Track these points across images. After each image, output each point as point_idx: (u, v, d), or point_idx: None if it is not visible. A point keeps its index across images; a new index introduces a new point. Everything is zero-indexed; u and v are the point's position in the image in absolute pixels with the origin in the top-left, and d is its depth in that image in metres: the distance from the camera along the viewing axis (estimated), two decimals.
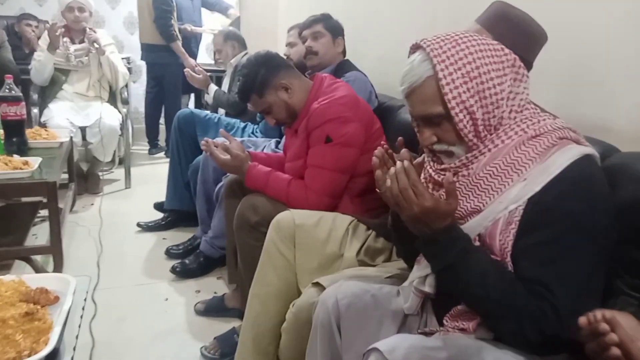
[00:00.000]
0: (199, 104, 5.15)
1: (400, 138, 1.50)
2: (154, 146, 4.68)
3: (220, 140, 2.44)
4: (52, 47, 3.36)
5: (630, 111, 1.36)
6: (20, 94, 2.39)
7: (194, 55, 4.61)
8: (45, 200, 2.26)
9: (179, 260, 2.41)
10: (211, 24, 5.18)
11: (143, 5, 4.25)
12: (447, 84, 0.98)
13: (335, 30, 2.35)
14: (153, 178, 3.90)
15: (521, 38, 1.32)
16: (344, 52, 2.40)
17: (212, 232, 2.31)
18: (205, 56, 5.72)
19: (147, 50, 4.38)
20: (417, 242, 1.03)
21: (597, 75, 1.43)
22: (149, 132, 4.68)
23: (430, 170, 1.10)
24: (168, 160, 4.40)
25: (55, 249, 2.20)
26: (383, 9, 2.60)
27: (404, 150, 1.15)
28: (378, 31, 2.65)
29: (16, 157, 2.26)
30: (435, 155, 1.09)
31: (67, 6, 3.42)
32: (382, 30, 2.61)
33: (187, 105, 5.25)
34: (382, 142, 1.50)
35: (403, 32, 2.43)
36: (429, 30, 2.24)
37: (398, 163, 0.99)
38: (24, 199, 2.74)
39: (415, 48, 1.06)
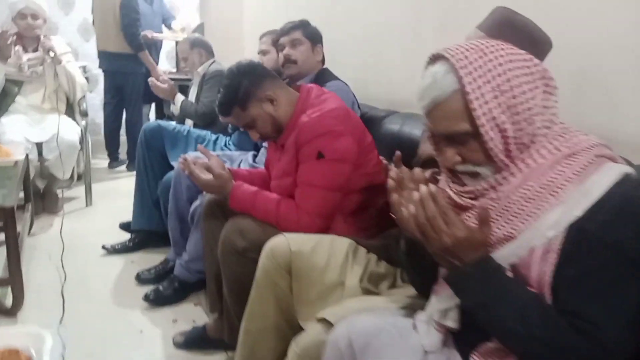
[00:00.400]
0: (160, 114, 4.95)
1: (398, 153, 1.40)
2: (114, 159, 4.44)
3: (192, 155, 2.33)
4: (3, 56, 3.11)
5: (637, 120, 1.30)
6: None
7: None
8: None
9: (151, 287, 2.24)
10: (171, 31, 5.00)
11: (107, 10, 4.02)
12: (476, 98, 0.88)
13: (315, 38, 2.24)
14: (115, 194, 3.69)
15: (525, 45, 1.24)
16: (322, 61, 2.29)
17: (187, 255, 2.14)
18: (165, 63, 5.51)
19: (108, 59, 4.16)
20: (447, 275, 0.93)
21: (604, 84, 1.37)
22: (108, 144, 4.44)
23: (451, 193, 1.00)
24: (130, 174, 4.27)
25: (14, 280, 2.01)
26: (361, 13, 2.51)
27: (417, 170, 1.04)
28: (356, 37, 2.56)
29: None
30: (456, 176, 0.99)
31: (19, 13, 3.18)
32: (361, 36, 2.52)
33: (148, 115, 5.03)
34: (382, 158, 1.40)
35: (383, 38, 2.35)
36: (413, 36, 2.19)
37: (423, 187, 0.88)
38: None
39: (435, 59, 0.95)
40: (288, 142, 1.59)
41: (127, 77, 4.15)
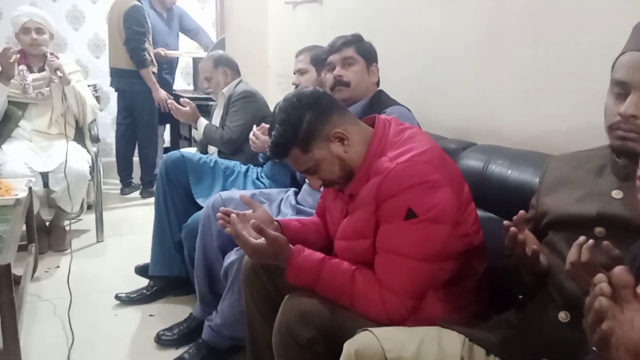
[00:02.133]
0: (176, 136, 4.62)
1: (522, 212, 1.04)
2: (127, 185, 4.10)
3: (225, 194, 1.97)
4: (6, 76, 2.79)
5: None
6: None
7: (167, 84, 4.09)
8: None
9: (174, 351, 1.88)
10: (187, 47, 4.70)
11: (114, 25, 3.73)
12: None
13: (370, 56, 1.89)
14: (129, 226, 3.35)
15: None
16: (378, 82, 1.94)
17: (220, 318, 1.78)
18: (181, 82, 5.20)
19: (118, 76, 3.85)
20: None
21: None
22: (120, 169, 4.11)
23: None
24: (144, 201, 3.93)
25: (11, 354, 1.63)
26: (417, 22, 2.15)
27: (621, 270, 0.67)
28: (411, 51, 2.20)
29: None
30: None
31: (23, 27, 2.87)
32: (418, 50, 2.16)
33: (163, 137, 4.70)
34: (507, 222, 1.03)
35: (449, 50, 1.98)
36: (492, 48, 1.83)
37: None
38: None
39: None
40: (362, 193, 1.23)
41: (137, 96, 3.83)
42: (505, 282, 1.20)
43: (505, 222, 1.00)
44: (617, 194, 1.00)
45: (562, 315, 1.01)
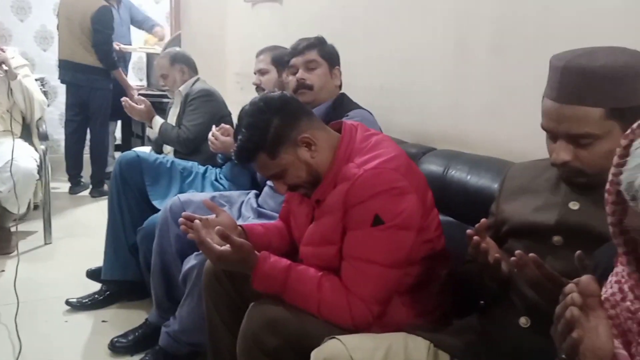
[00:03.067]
0: (128, 133, 4.49)
1: (483, 220, 1.07)
2: (76, 184, 3.96)
3: (183, 197, 1.94)
4: None
5: None
6: None
7: None
8: None
9: (129, 358, 1.81)
10: (139, 41, 4.59)
11: (74, 20, 3.62)
12: None
13: (332, 59, 1.89)
14: (79, 227, 3.25)
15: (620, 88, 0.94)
16: (340, 85, 1.94)
17: (178, 324, 1.73)
18: (133, 77, 5.04)
19: (73, 70, 3.73)
20: None
21: None
22: (70, 167, 3.96)
23: None
24: (94, 201, 3.81)
25: None
26: (384, 27, 2.16)
27: (587, 280, 0.69)
28: (375, 56, 2.20)
29: None
30: None
31: None
32: (382, 55, 2.17)
33: (114, 134, 4.56)
34: (470, 231, 1.05)
35: (415, 57, 2.00)
36: (458, 55, 1.86)
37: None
38: None
39: None
40: (329, 198, 1.22)
41: (94, 93, 3.73)
42: (468, 287, 1.22)
43: (468, 231, 1.02)
44: (573, 205, 1.03)
45: (523, 321, 1.04)
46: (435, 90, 1.90)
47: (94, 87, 3.72)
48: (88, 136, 4.01)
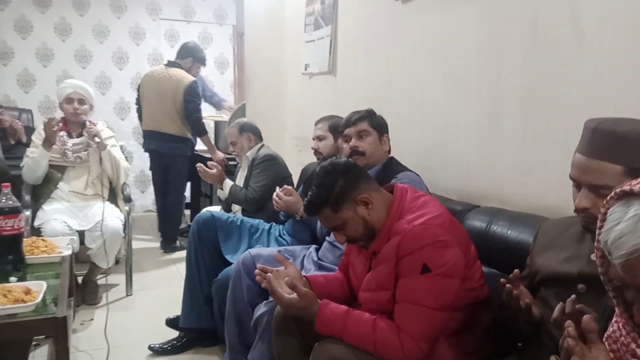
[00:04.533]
0: (197, 193, 4.88)
1: (516, 271, 1.25)
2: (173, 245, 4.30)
3: (253, 251, 2.18)
4: (48, 142, 3.06)
5: None
6: (19, 205, 2.06)
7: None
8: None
9: None
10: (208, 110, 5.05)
11: (166, 93, 4.05)
12: None
13: (381, 128, 2.14)
14: (154, 279, 3.54)
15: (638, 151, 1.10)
16: (389, 150, 2.18)
17: None
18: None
19: (160, 139, 4.12)
20: None
21: None
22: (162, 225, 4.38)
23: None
24: (165, 254, 4.14)
25: None
26: (422, 97, 2.40)
27: (588, 319, 0.87)
28: (418, 122, 2.44)
29: (12, 280, 1.91)
30: None
31: (67, 97, 3.16)
32: (424, 121, 2.40)
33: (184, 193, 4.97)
34: (503, 280, 1.23)
35: (452, 123, 2.22)
36: (490, 122, 2.06)
37: None
38: None
39: (624, 196, 0.80)
40: (383, 250, 1.44)
41: (175, 159, 4.14)
42: (506, 331, 1.38)
43: (502, 280, 1.20)
44: (594, 256, 1.20)
45: (553, 359, 1.19)
46: (473, 152, 2.10)
47: (175, 154, 4.09)
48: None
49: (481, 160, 2.07)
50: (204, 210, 2.80)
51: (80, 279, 3.17)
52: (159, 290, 3.23)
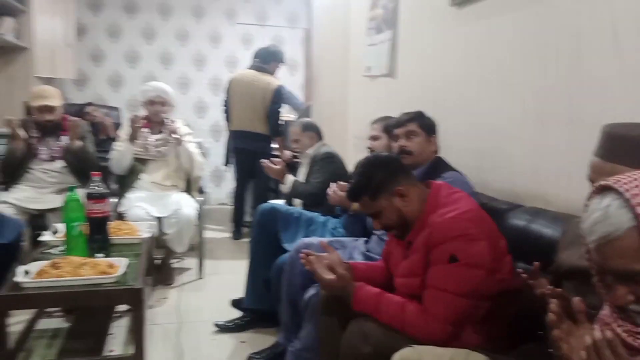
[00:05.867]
0: (264, 187, 5.15)
1: (536, 263, 1.35)
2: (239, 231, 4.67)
3: (306, 241, 2.37)
4: (133, 137, 3.43)
5: None
6: (106, 191, 2.37)
7: None
8: None
9: None
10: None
11: (256, 95, 4.35)
12: None
13: (430, 128, 2.26)
14: (223, 265, 3.84)
15: None
16: (437, 150, 2.29)
17: (300, 343, 2.14)
18: None
19: (250, 139, 4.42)
20: None
21: None
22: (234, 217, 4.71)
23: (619, 330, 0.93)
24: (235, 244, 4.45)
25: (138, 359, 2.09)
26: (475, 101, 2.49)
27: (576, 301, 0.98)
28: (471, 124, 2.53)
29: (99, 256, 2.22)
30: (626, 314, 0.92)
31: (150, 99, 3.51)
32: (476, 124, 2.49)
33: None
34: (520, 270, 1.34)
35: (501, 126, 2.30)
36: (537, 127, 2.13)
37: (597, 332, 0.82)
38: None
39: (603, 190, 0.91)
40: (417, 240, 1.58)
41: (261, 157, 4.36)
42: (528, 319, 1.48)
43: (518, 270, 1.30)
44: None
45: None
46: (519, 154, 2.17)
47: (262, 152, 4.26)
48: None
49: (527, 162, 2.14)
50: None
51: (158, 262, 3.51)
52: (227, 275, 3.51)
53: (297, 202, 3.17)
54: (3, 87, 4.60)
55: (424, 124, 2.24)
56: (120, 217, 3.16)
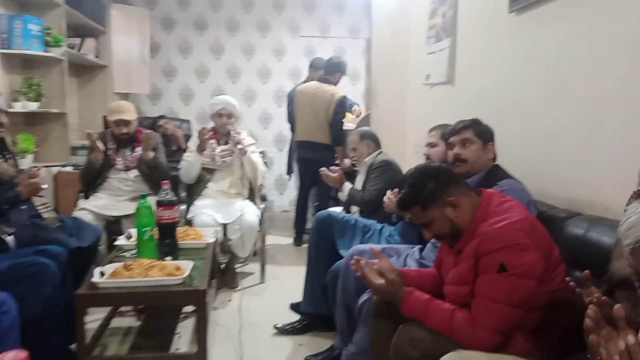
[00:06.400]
0: (325, 195, 5.24)
1: (586, 272, 1.33)
2: (301, 237, 4.79)
3: (361, 247, 2.42)
4: (201, 148, 3.62)
5: None
6: (175, 199, 2.53)
7: None
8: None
9: None
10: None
11: (321, 106, 4.44)
12: None
13: (486, 136, 2.23)
14: (283, 270, 3.96)
15: None
16: (494, 158, 2.27)
17: (354, 347, 2.19)
18: None
19: (314, 149, 4.52)
20: None
21: None
22: (299, 223, 4.83)
23: None
24: (296, 251, 4.56)
25: (201, 357, 2.21)
26: (532, 108, 2.45)
27: (618, 308, 0.98)
28: (527, 132, 2.49)
29: (167, 259, 2.37)
30: None
31: (217, 112, 3.70)
32: (533, 131, 2.45)
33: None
34: (568, 279, 1.33)
35: (558, 133, 2.26)
36: (594, 134, 2.08)
37: (631, 338, 0.83)
38: None
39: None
40: (467, 249, 1.59)
41: (325, 166, 4.48)
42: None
43: (567, 278, 1.29)
44: None
45: None
46: (577, 162, 2.12)
47: (326, 162, 4.21)
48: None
49: (584, 169, 2.08)
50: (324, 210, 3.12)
51: (223, 267, 3.67)
52: (288, 280, 3.60)
53: (354, 209, 3.22)
54: (85, 103, 5.00)
55: (480, 132, 2.22)
56: (189, 223, 3.34)
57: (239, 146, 3.61)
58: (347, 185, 3.19)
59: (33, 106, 3.78)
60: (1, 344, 1.77)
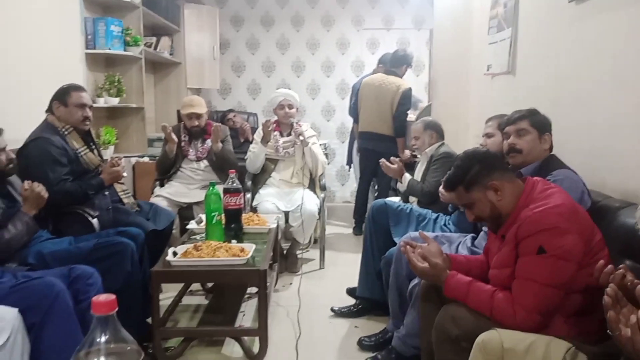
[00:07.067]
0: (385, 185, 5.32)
1: (601, 262, 1.35)
2: (361, 227, 4.84)
3: (413, 234, 2.50)
4: (265, 140, 3.81)
5: None
6: (240, 187, 2.72)
7: None
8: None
9: (371, 354, 2.44)
10: None
11: (386, 98, 4.50)
12: None
13: (543, 127, 2.23)
14: (342, 257, 4.10)
15: None
16: (550, 148, 2.27)
17: (405, 329, 2.29)
18: None
19: (377, 140, 4.58)
20: None
21: None
22: (358, 213, 4.91)
23: None
24: (355, 239, 4.68)
25: (261, 332, 2.39)
26: (589, 99, 2.42)
27: None
28: (584, 122, 2.46)
29: (233, 242, 2.55)
30: None
31: (279, 104, 3.88)
32: (589, 121, 2.42)
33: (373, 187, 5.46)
34: (602, 262, 1.36)
35: (614, 123, 2.22)
36: (638, 113, 2.03)
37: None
38: None
39: None
40: (509, 233, 1.65)
41: (387, 157, 4.57)
42: None
43: (598, 265, 1.33)
44: None
45: None
46: (635, 152, 2.09)
47: (388, 153, 4.21)
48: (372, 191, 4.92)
49: None
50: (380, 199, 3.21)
51: (285, 252, 3.85)
52: (346, 266, 3.73)
53: (412, 199, 3.28)
54: (160, 98, 5.35)
55: (536, 122, 2.22)
56: (253, 210, 3.54)
57: (301, 138, 3.78)
58: (407, 177, 3.25)
59: (114, 101, 4.12)
60: (88, 311, 2.02)
